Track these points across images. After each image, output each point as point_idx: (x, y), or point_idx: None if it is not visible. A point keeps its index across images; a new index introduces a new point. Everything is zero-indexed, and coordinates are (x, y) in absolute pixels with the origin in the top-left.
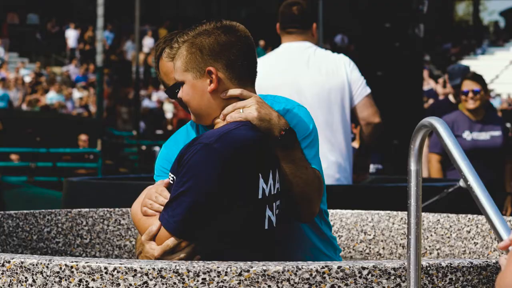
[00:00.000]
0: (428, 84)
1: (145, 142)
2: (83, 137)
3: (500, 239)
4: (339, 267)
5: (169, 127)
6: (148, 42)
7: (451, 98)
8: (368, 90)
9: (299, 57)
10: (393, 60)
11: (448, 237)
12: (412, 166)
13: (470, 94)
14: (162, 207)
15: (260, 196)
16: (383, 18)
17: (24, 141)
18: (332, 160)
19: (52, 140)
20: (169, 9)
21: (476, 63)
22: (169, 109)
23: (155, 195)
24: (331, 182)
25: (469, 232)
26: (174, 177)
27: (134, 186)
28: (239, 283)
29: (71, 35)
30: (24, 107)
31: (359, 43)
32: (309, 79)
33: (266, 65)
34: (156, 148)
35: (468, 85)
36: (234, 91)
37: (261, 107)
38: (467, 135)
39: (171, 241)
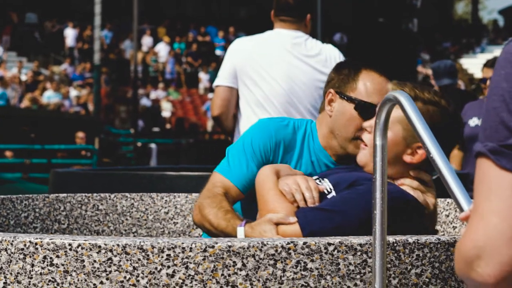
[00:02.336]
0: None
1: (141, 140)
2: (80, 134)
3: (461, 210)
4: (304, 243)
5: (168, 126)
6: (146, 41)
7: None
8: None
9: (288, 45)
10: (387, 54)
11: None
12: (378, 141)
13: (488, 82)
14: (303, 202)
15: None
16: (376, 13)
17: (19, 138)
18: None
19: (50, 137)
20: (168, 8)
21: (475, 62)
22: (167, 108)
23: (306, 185)
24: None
25: (447, 216)
26: (332, 189)
27: (120, 176)
28: (204, 259)
29: (70, 34)
30: (22, 105)
31: (352, 37)
32: (297, 68)
33: (251, 45)
34: (152, 145)
35: (486, 73)
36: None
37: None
38: (472, 122)
39: None
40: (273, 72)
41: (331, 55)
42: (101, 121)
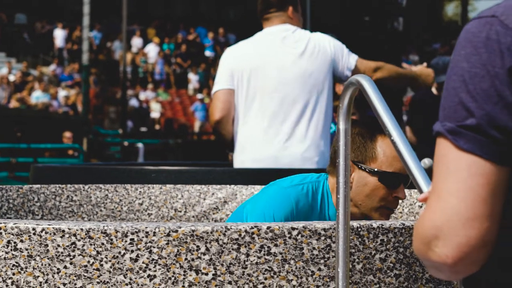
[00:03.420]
0: None
1: (129, 140)
2: (67, 134)
3: (420, 191)
4: (268, 228)
5: (157, 126)
6: (136, 42)
7: (433, 90)
8: (355, 56)
9: (278, 40)
10: (373, 53)
11: (400, 212)
12: (341, 125)
13: None
14: None
15: None
16: (362, 11)
17: (5, 137)
18: (311, 143)
19: (37, 137)
20: (158, 8)
21: None
22: (156, 109)
23: None
24: (310, 166)
25: (421, 207)
26: None
27: (99, 170)
28: (167, 244)
29: (59, 35)
30: (10, 105)
31: (341, 37)
32: (288, 61)
33: (244, 48)
34: (139, 145)
35: None
36: None
37: None
38: None
39: None
40: (266, 70)
41: (320, 43)
42: (90, 121)
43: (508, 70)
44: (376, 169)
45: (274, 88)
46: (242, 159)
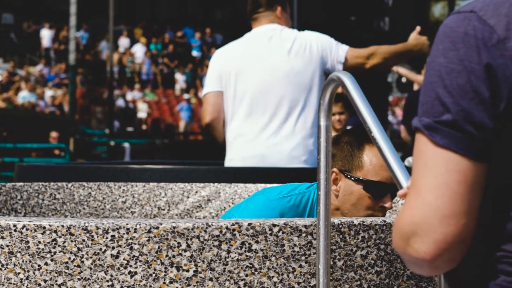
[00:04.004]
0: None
1: (115, 140)
2: (53, 134)
3: (400, 187)
4: (249, 224)
5: (144, 127)
6: (123, 42)
7: None
8: (345, 47)
9: (265, 39)
10: None
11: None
12: (322, 122)
13: None
14: None
15: None
16: (348, 11)
17: None
18: (299, 141)
19: (23, 136)
20: (144, 9)
21: None
22: (143, 109)
23: None
24: (297, 164)
25: (402, 204)
26: None
27: (84, 169)
28: (148, 240)
29: (46, 35)
30: None
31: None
32: (275, 59)
33: (231, 50)
34: (126, 145)
35: None
36: None
37: None
38: None
39: None
40: (253, 70)
41: (307, 40)
42: (76, 121)
43: (485, 67)
44: (361, 178)
45: (262, 87)
46: (231, 157)
